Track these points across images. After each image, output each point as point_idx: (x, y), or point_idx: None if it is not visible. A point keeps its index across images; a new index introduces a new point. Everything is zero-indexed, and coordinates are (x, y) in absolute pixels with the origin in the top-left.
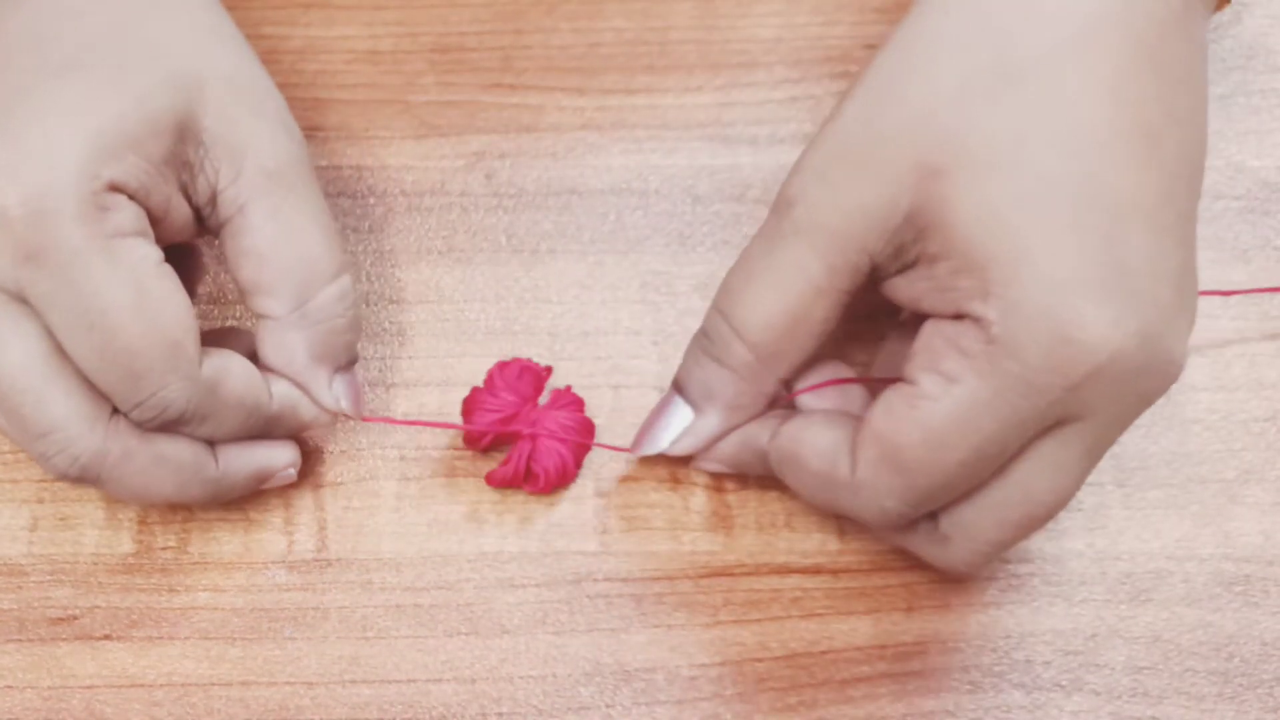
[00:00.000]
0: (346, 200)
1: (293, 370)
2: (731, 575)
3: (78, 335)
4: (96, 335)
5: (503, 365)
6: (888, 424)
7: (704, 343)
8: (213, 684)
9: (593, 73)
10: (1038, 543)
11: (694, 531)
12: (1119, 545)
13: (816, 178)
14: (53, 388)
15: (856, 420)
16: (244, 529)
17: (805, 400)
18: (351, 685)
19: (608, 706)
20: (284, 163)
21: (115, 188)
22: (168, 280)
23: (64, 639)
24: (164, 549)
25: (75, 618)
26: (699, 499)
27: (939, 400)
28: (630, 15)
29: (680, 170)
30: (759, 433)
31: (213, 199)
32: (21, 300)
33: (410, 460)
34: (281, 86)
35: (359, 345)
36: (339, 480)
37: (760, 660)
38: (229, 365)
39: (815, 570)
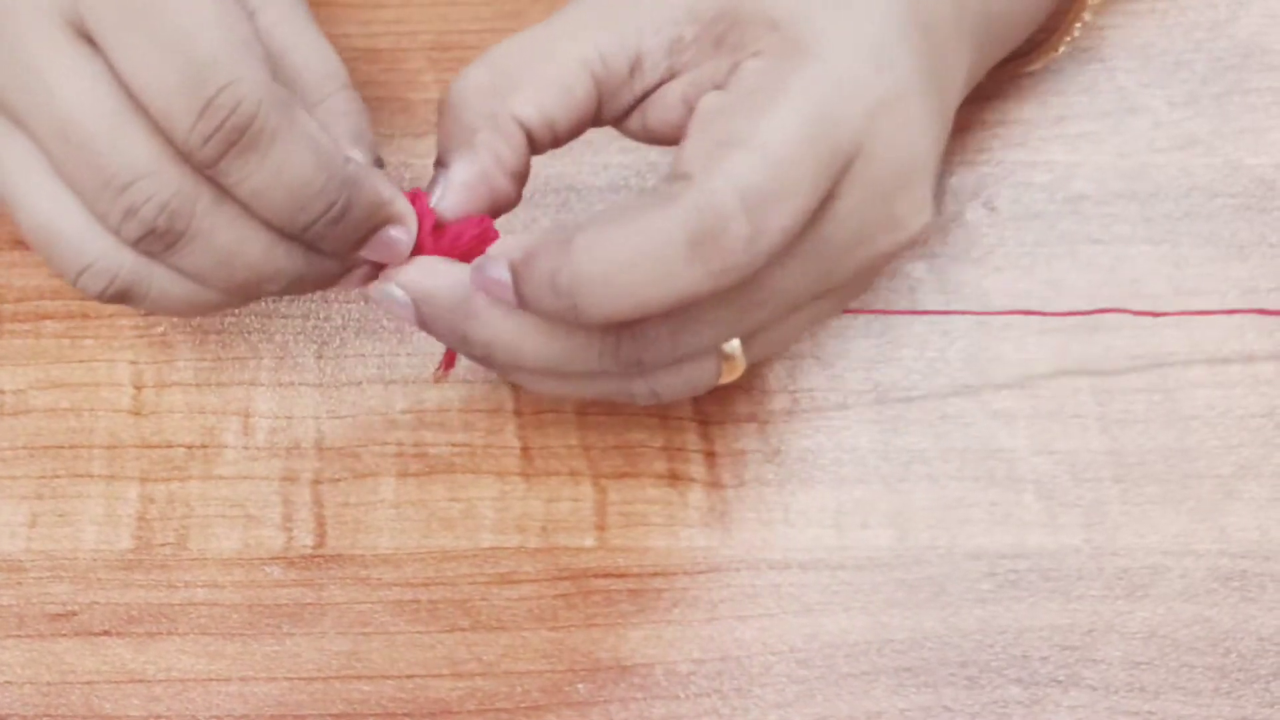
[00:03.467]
0: None
1: None
2: (729, 571)
3: (139, 44)
4: (159, 36)
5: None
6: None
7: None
8: (211, 679)
9: None
10: (1035, 538)
11: (691, 527)
12: (1116, 541)
13: None
14: (130, 124)
15: None
16: (242, 525)
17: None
18: (350, 681)
19: (606, 702)
20: None
21: None
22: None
23: (63, 635)
24: (163, 545)
25: (74, 614)
26: (697, 494)
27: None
28: None
29: None
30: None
31: None
32: (84, 36)
33: (409, 456)
34: None
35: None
36: (337, 476)
37: (757, 655)
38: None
39: (812, 565)
